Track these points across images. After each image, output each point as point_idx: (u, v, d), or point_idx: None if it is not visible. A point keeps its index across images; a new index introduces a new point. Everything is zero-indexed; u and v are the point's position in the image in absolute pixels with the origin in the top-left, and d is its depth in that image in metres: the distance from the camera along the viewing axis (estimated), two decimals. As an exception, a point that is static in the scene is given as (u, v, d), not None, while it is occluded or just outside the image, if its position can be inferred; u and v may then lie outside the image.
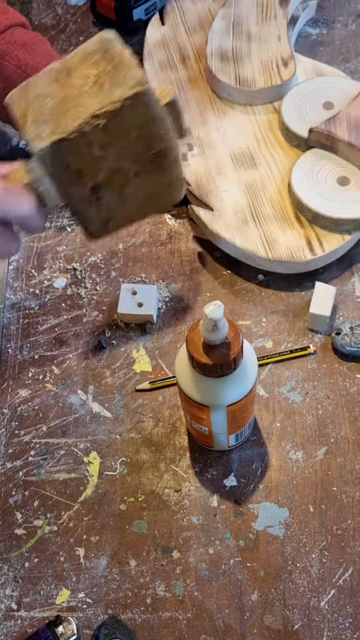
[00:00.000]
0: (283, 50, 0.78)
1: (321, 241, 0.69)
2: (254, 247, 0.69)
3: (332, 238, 0.69)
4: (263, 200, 0.72)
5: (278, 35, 0.79)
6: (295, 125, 0.73)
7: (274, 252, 0.68)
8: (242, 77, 0.77)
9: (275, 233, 0.69)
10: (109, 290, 0.72)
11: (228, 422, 0.55)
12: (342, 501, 0.60)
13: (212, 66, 0.78)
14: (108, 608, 0.57)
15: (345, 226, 0.68)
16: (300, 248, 0.68)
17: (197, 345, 0.48)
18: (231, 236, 0.69)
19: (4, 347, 0.70)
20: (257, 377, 0.53)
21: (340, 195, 0.69)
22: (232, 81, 0.76)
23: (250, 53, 0.78)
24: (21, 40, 0.67)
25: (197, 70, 0.81)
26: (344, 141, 0.69)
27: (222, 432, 0.57)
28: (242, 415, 0.56)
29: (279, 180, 0.73)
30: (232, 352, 0.48)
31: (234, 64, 0.78)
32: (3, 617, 0.58)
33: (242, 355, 0.49)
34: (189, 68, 0.82)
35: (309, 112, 0.74)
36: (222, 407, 0.52)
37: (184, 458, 0.63)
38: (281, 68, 0.77)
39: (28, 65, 0.66)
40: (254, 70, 0.77)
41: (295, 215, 0.70)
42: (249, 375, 0.52)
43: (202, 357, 0.48)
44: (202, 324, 0.46)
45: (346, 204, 0.68)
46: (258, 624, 0.56)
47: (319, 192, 0.69)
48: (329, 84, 0.76)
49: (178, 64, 0.82)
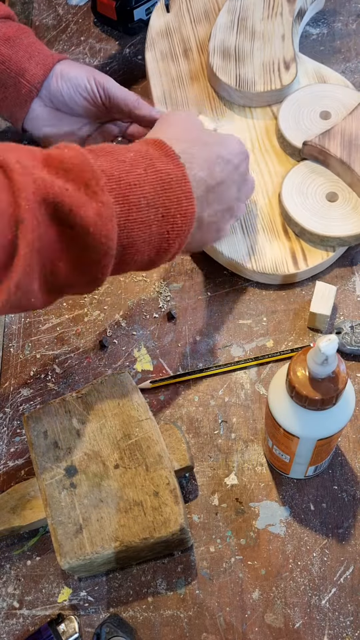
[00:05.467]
0: (286, 52, 0.77)
1: (306, 256, 0.69)
2: (241, 257, 0.69)
3: (316, 253, 0.69)
4: (253, 210, 0.71)
5: (282, 34, 0.78)
6: (290, 135, 0.73)
7: (259, 264, 0.68)
8: (242, 78, 0.76)
9: (262, 244, 0.70)
10: (110, 290, 0.72)
11: (313, 454, 0.54)
12: (342, 500, 0.60)
13: (214, 64, 0.77)
14: (110, 606, 0.57)
15: (330, 242, 0.68)
16: (284, 261, 0.69)
17: (301, 375, 0.46)
18: (218, 245, 0.69)
19: (5, 346, 0.70)
20: (353, 413, 0.51)
21: (328, 211, 0.69)
22: (232, 82, 0.76)
23: (252, 52, 0.77)
24: (4, 34, 0.66)
25: (198, 63, 0.80)
26: (335, 157, 0.69)
27: (304, 463, 0.56)
28: (328, 448, 0.54)
29: (271, 190, 0.72)
30: (337, 388, 0.46)
31: (236, 63, 0.77)
32: (5, 616, 0.58)
33: (343, 390, 0.47)
34: (190, 61, 0.81)
35: (306, 121, 0.74)
36: (312, 441, 0.51)
37: (185, 457, 0.63)
38: (282, 71, 0.76)
39: (11, 60, 0.65)
40: (255, 72, 0.76)
41: (283, 227, 0.70)
42: (345, 411, 0.50)
43: (304, 389, 0.46)
44: (312, 356, 0.44)
45: (332, 221, 0.68)
46: (259, 622, 0.56)
47: (307, 207, 0.69)
48: (329, 92, 0.75)
49: (180, 57, 0.81)
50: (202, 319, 0.69)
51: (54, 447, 0.58)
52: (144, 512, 0.55)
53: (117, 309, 0.71)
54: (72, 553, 0.54)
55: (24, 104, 0.68)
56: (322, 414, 0.48)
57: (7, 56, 0.66)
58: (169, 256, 0.55)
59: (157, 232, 0.52)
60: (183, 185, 0.53)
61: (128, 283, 0.72)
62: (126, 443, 0.58)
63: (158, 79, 0.79)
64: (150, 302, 0.71)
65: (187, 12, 0.84)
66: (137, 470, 0.56)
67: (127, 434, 0.58)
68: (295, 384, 0.46)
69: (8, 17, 0.68)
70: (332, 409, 0.48)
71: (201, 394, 0.66)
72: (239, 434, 0.63)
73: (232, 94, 0.77)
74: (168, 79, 0.80)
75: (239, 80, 0.76)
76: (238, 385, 0.66)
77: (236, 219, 0.64)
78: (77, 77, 0.67)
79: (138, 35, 0.89)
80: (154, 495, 0.55)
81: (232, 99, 0.78)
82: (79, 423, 0.59)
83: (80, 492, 0.56)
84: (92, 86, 0.68)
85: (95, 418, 0.59)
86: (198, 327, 0.69)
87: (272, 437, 0.55)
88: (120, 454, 0.57)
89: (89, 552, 0.54)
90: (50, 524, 0.55)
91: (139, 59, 0.87)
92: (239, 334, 0.68)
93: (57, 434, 0.59)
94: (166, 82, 0.79)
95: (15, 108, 0.68)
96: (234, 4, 0.81)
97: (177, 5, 0.84)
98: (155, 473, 0.56)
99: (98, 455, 0.57)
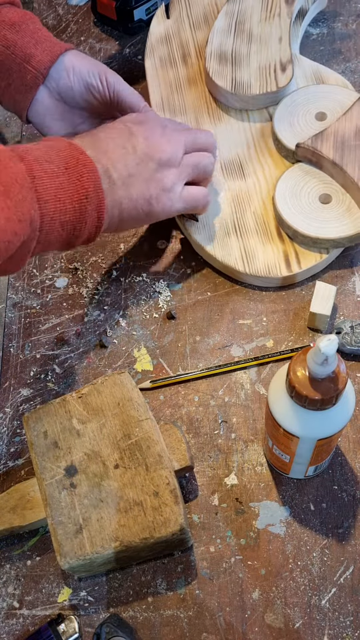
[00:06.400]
0: (283, 54, 0.77)
1: (299, 258, 0.69)
2: (234, 261, 0.69)
3: (309, 255, 0.69)
4: (247, 212, 0.71)
5: (280, 36, 0.78)
6: (284, 137, 0.73)
7: (251, 267, 0.68)
8: (238, 82, 0.76)
9: (255, 247, 0.70)
10: (110, 290, 0.72)
11: (313, 454, 0.54)
12: (342, 500, 0.60)
13: (210, 69, 0.77)
14: (110, 606, 0.58)
15: (323, 245, 0.68)
16: (277, 264, 0.68)
17: (300, 375, 0.46)
18: (212, 248, 0.69)
19: (5, 347, 0.70)
20: (353, 413, 0.51)
21: (321, 213, 0.69)
22: (228, 86, 0.76)
23: (249, 56, 0.77)
24: (10, 19, 0.65)
25: (197, 68, 0.81)
26: (328, 159, 0.69)
27: (304, 462, 0.56)
28: (328, 448, 0.54)
29: (265, 192, 0.72)
30: (337, 388, 0.46)
31: (232, 67, 0.77)
32: (5, 616, 0.58)
33: (343, 390, 0.47)
34: (189, 66, 0.81)
35: (300, 123, 0.74)
36: (312, 440, 0.51)
37: (185, 457, 0.63)
38: (279, 73, 0.76)
39: (17, 46, 0.64)
40: (251, 76, 0.76)
41: (277, 230, 0.70)
42: (345, 411, 0.50)
43: (304, 389, 0.46)
44: (312, 356, 0.44)
45: (325, 224, 0.68)
46: (259, 622, 0.56)
47: (300, 209, 0.69)
48: (325, 93, 0.75)
49: (179, 62, 0.82)
50: (202, 319, 0.69)
51: (54, 447, 0.58)
52: (144, 512, 0.55)
53: (117, 309, 0.71)
54: (72, 553, 0.54)
55: (29, 91, 0.66)
56: (322, 414, 0.48)
57: (13, 41, 0.64)
58: (84, 237, 0.58)
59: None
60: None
61: (128, 283, 0.72)
62: (126, 443, 0.58)
63: (157, 86, 0.80)
64: (150, 302, 0.71)
65: (187, 17, 0.84)
66: (137, 470, 0.56)
67: (127, 434, 0.58)
68: (295, 384, 0.46)
69: (12, 3, 0.67)
70: (332, 409, 0.48)
71: (201, 394, 0.66)
72: (239, 434, 0.63)
73: (228, 97, 0.77)
74: (166, 85, 0.80)
75: (235, 84, 0.76)
76: (238, 385, 0.66)
77: (186, 173, 0.65)
78: (89, 74, 0.66)
79: (138, 35, 0.89)
80: (154, 495, 0.55)
81: (229, 103, 0.78)
82: (79, 423, 0.59)
83: (80, 492, 0.56)
84: (104, 86, 0.67)
85: (95, 418, 0.59)
86: (198, 327, 0.69)
87: (272, 437, 0.55)
88: (120, 454, 0.57)
89: (89, 552, 0.54)
90: (50, 524, 0.55)
91: (139, 59, 0.88)
92: (239, 334, 0.68)
93: (57, 434, 0.59)
94: (164, 89, 0.80)
95: (19, 95, 0.66)
96: (232, 7, 0.81)
97: (177, 11, 0.85)
98: (155, 473, 0.56)
99: (98, 455, 0.57)
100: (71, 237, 0.57)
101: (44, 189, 0.53)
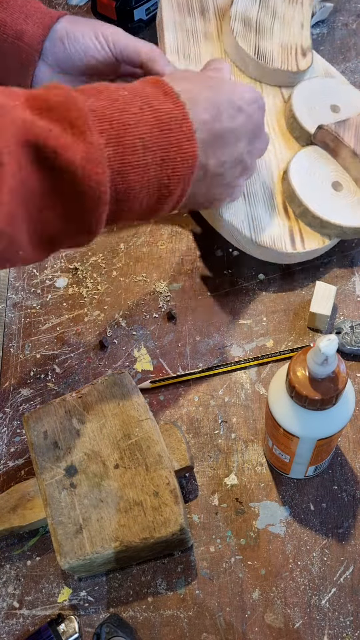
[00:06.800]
0: (304, 41, 0.76)
1: (303, 237, 0.68)
2: (240, 223, 0.66)
3: (314, 238, 0.68)
4: (257, 182, 0.70)
5: (302, 22, 0.77)
6: (303, 118, 0.72)
7: (257, 235, 0.66)
8: (261, 50, 0.74)
9: (262, 217, 0.68)
10: (110, 290, 0.72)
11: (313, 454, 0.54)
12: (342, 500, 0.60)
13: (234, 28, 0.74)
14: (110, 606, 0.58)
15: (328, 230, 0.68)
16: (282, 238, 0.67)
17: (301, 375, 0.46)
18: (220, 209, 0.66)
19: (5, 347, 0.70)
20: (353, 413, 0.51)
21: (331, 198, 0.68)
22: (252, 51, 0.74)
23: (272, 30, 0.76)
24: None
25: (213, 26, 0.77)
26: (349, 147, 0.69)
27: (304, 462, 0.56)
28: (328, 448, 0.54)
29: (274, 166, 0.71)
30: (337, 388, 0.46)
31: (256, 35, 0.75)
32: (5, 616, 0.58)
33: (343, 390, 0.47)
34: (206, 21, 0.77)
35: (317, 109, 0.73)
36: (312, 440, 0.51)
37: (185, 457, 0.63)
38: (299, 56, 0.75)
39: (6, 24, 0.60)
40: (274, 49, 0.75)
41: (283, 206, 0.69)
42: (345, 411, 0.50)
43: (304, 389, 0.46)
44: (312, 356, 0.44)
45: (337, 209, 0.68)
46: (259, 622, 0.56)
47: (314, 189, 0.68)
48: (339, 87, 0.76)
49: (197, 13, 0.78)
50: (202, 319, 0.69)
51: (54, 447, 0.58)
52: (144, 512, 0.55)
53: (117, 309, 0.71)
54: (72, 553, 0.54)
55: (27, 71, 0.62)
56: (322, 414, 0.48)
57: (2, 20, 0.60)
58: (170, 204, 0.52)
59: (156, 176, 0.48)
60: (184, 125, 0.49)
61: (128, 283, 0.72)
62: (126, 443, 0.58)
63: (172, 26, 0.75)
64: (150, 302, 0.71)
65: None
66: (137, 470, 0.56)
67: (127, 434, 0.58)
68: (295, 384, 0.46)
69: None
70: (332, 409, 0.48)
71: (201, 394, 0.66)
72: (239, 434, 0.63)
73: (248, 63, 0.75)
74: (182, 30, 0.76)
75: (259, 52, 0.74)
76: (238, 385, 0.66)
77: (248, 176, 0.60)
78: (84, 37, 0.62)
79: (138, 35, 0.89)
80: (154, 495, 0.55)
81: (245, 69, 0.76)
82: (79, 423, 0.59)
83: (80, 492, 0.56)
84: (102, 44, 0.63)
85: (95, 418, 0.59)
86: (198, 327, 0.69)
87: (272, 437, 0.55)
88: (120, 454, 0.57)
89: (89, 552, 0.54)
90: (50, 524, 0.55)
91: (139, 59, 0.87)
92: (239, 334, 0.68)
93: (57, 434, 0.59)
94: (180, 33, 0.75)
95: (19, 77, 0.63)
96: None
97: None
98: (155, 473, 0.56)
99: (98, 455, 0.57)
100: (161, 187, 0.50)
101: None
